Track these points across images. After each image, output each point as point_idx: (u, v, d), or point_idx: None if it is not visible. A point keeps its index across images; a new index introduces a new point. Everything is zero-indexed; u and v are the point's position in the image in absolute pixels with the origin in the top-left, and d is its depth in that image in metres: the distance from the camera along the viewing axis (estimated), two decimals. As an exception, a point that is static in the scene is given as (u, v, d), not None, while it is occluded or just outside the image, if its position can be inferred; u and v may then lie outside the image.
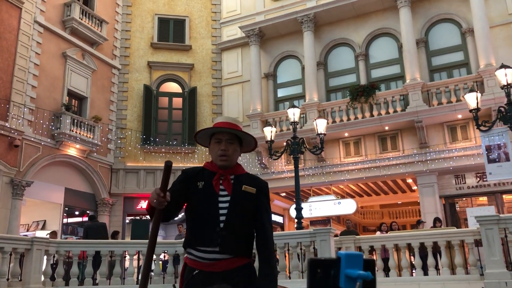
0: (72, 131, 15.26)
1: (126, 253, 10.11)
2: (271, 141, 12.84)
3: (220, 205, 2.54)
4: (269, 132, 12.87)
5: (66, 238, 14.26)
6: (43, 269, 9.15)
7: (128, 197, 17.39)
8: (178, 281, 2.96)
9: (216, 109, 18.74)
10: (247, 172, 2.73)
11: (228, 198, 2.56)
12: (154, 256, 10.70)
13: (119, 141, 17.67)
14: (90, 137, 15.95)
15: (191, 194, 2.59)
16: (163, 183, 2.27)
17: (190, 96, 18.43)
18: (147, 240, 2.46)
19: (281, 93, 18.12)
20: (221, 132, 2.63)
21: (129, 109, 18.15)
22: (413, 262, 9.46)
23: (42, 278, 9.10)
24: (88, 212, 16.12)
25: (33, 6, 15.07)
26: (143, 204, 17.45)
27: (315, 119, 12.76)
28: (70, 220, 16.65)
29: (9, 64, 14.03)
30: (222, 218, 2.52)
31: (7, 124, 13.46)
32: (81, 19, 16.52)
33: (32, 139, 14.29)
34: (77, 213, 16.67)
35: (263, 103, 17.51)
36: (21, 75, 14.32)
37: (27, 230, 15.35)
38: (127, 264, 10.78)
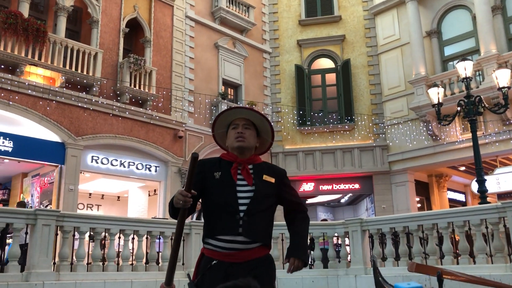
0: (230, 118, 15.45)
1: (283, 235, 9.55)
2: (439, 104, 10.96)
3: (239, 194, 2.49)
4: (436, 94, 11.01)
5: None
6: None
7: (290, 180, 17.00)
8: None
9: (374, 79, 17.18)
10: (265, 161, 2.69)
11: (248, 188, 2.50)
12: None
13: (275, 125, 17.45)
14: (247, 123, 15.98)
15: (208, 185, 2.54)
16: (189, 181, 2.25)
17: (344, 69, 17.23)
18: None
19: (448, 51, 15.70)
20: (237, 119, 2.62)
21: (283, 91, 17.78)
22: None
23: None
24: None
25: (183, 2, 15.66)
26: (305, 187, 16.96)
27: (494, 71, 10.45)
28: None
29: (167, 60, 14.80)
30: (242, 207, 2.45)
31: (171, 117, 14.22)
32: (229, 8, 16.67)
33: (194, 129, 14.87)
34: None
35: (428, 65, 15.37)
36: (178, 69, 15.00)
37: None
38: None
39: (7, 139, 11.20)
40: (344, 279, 8.83)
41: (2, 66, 11.02)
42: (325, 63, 17.90)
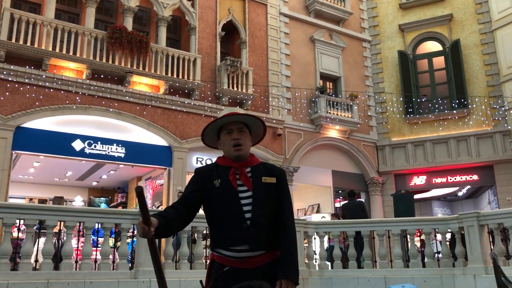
0: (330, 113, 15.06)
1: (390, 232, 8.94)
2: None
3: (242, 201, 2.42)
4: None
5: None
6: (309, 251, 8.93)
7: (398, 174, 16.11)
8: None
9: (489, 59, 15.52)
10: (261, 161, 2.60)
11: (249, 194, 2.43)
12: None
13: (380, 116, 16.61)
14: (348, 117, 15.45)
15: (209, 194, 2.46)
16: (143, 214, 2.09)
17: (453, 51, 15.82)
18: (412, 217, 2.49)
19: None
20: (230, 123, 2.51)
21: (386, 80, 16.85)
22: None
23: (306, 260, 8.90)
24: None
25: (277, 0, 15.59)
26: (416, 180, 15.91)
27: None
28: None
29: (263, 60, 14.84)
30: (248, 215, 2.39)
31: (269, 116, 14.22)
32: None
33: (293, 126, 14.71)
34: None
35: (555, 37, 13.46)
36: (274, 67, 14.96)
37: (305, 214, 15.93)
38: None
39: (120, 145, 12.06)
40: (461, 279, 8.00)
41: (111, 78, 11.88)
42: (431, 46, 16.62)
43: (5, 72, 10.48)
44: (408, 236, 9.14)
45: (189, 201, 2.47)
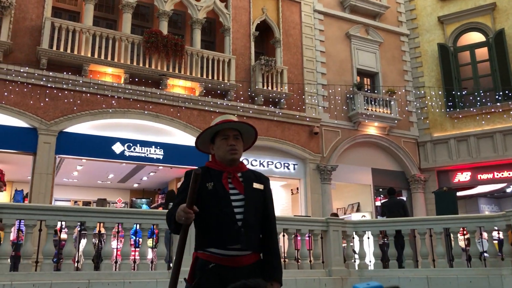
0: (367, 109, 14.75)
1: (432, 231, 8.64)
2: None
3: (234, 203, 2.56)
4: None
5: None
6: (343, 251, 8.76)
7: (441, 171, 15.58)
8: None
9: (537, 48, 14.78)
10: (249, 169, 2.75)
11: (241, 197, 2.59)
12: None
13: (419, 112, 16.13)
14: (387, 113, 15.08)
15: (201, 195, 2.54)
16: (191, 197, 2.25)
17: (497, 41, 15.15)
18: (454, 215, 2.28)
19: None
20: (227, 129, 2.68)
21: (426, 74, 16.34)
22: None
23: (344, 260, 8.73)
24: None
25: (310, -3, 15.44)
26: (460, 177, 15.33)
27: None
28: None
29: (298, 58, 14.72)
30: (239, 216, 2.54)
31: (305, 114, 14.08)
32: (359, -6, 15.97)
33: (330, 124, 14.51)
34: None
35: None
36: (310, 65, 14.81)
37: (344, 213, 15.68)
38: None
39: (158, 147, 12.25)
40: (509, 279, 7.63)
41: (146, 81, 12.09)
42: (473, 37, 15.99)
43: (44, 79, 10.87)
44: (452, 235, 8.80)
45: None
